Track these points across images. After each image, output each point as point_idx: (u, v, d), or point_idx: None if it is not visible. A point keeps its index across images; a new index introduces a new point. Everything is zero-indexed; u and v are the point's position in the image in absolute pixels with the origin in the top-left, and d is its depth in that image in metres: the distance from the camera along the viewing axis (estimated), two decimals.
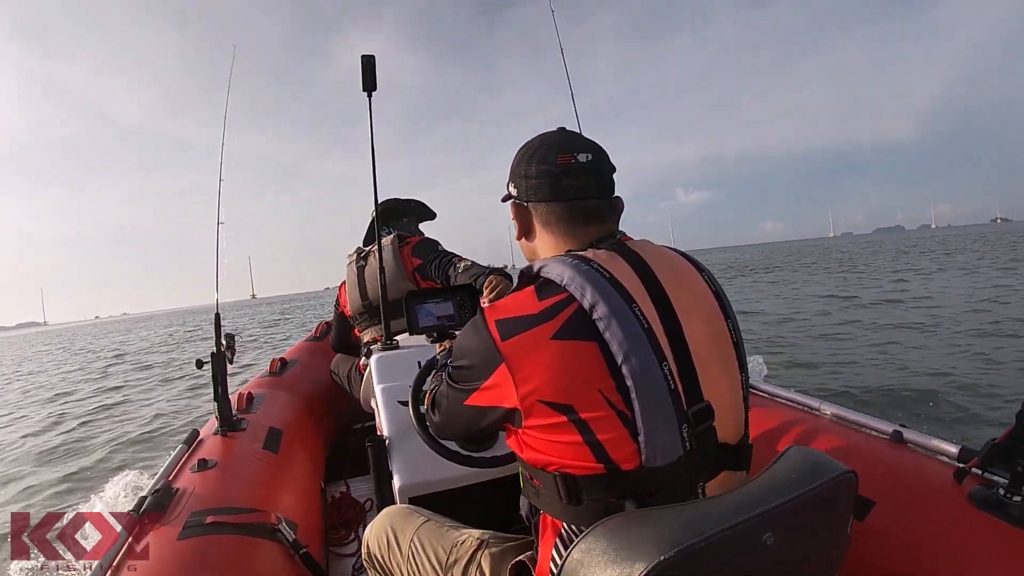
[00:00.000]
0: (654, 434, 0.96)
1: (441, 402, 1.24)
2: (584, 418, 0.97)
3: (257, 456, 2.41)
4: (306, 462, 2.76)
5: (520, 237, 1.28)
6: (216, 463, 2.22)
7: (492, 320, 1.06)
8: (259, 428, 2.69)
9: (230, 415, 2.63)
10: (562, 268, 1.05)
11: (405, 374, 2.26)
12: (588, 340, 0.97)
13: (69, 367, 19.88)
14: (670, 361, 0.99)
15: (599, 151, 1.19)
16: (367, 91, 2.67)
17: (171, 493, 1.97)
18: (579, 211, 1.17)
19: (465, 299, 2.38)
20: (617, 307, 0.99)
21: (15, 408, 11.85)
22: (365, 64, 2.64)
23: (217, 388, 2.54)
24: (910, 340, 8.70)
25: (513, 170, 1.24)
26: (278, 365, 3.81)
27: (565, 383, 0.97)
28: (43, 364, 24.21)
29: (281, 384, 3.54)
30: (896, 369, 6.91)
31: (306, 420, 3.23)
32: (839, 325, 10.52)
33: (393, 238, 3.22)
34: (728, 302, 1.15)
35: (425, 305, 2.33)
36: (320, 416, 3.48)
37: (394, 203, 3.46)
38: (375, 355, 2.49)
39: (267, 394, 3.24)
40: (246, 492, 2.08)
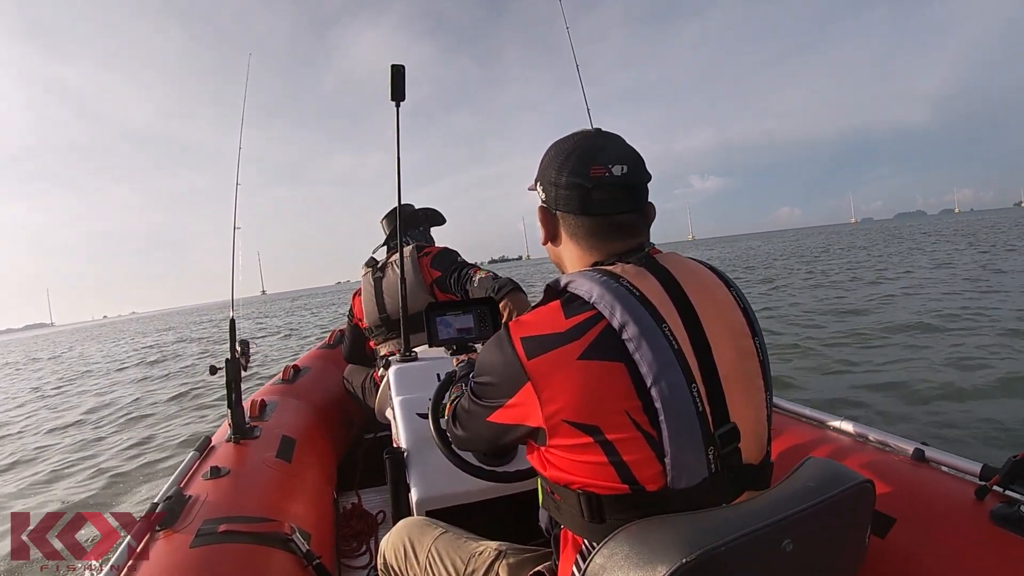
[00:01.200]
0: (680, 456, 0.97)
1: (463, 416, 1.25)
2: (610, 439, 0.98)
3: (270, 464, 2.45)
4: (319, 472, 2.79)
5: (546, 242, 1.29)
6: (229, 471, 2.25)
7: (518, 337, 1.06)
8: (272, 436, 2.72)
9: (243, 422, 2.66)
10: (590, 284, 1.06)
11: (423, 386, 2.30)
12: (616, 360, 0.98)
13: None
14: (699, 383, 1.00)
15: (636, 161, 1.17)
16: (396, 101, 2.71)
17: (183, 500, 1.99)
18: (609, 225, 1.17)
19: (485, 312, 2.40)
20: (647, 327, 0.99)
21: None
22: (395, 74, 2.68)
23: (231, 395, 2.58)
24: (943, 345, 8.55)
25: (542, 171, 1.23)
26: (291, 372, 3.85)
27: (591, 404, 0.98)
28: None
29: (294, 392, 3.57)
30: (920, 380, 6.85)
31: (319, 429, 3.26)
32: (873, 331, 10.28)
33: (412, 249, 3.24)
34: (755, 318, 1.15)
35: (445, 317, 2.34)
36: (333, 425, 3.51)
37: (410, 212, 3.48)
38: (394, 366, 2.52)
39: (280, 402, 3.27)
40: (259, 501, 2.11)
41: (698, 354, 1.02)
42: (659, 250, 1.19)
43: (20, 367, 26.44)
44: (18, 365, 27.95)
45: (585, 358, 0.99)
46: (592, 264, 1.17)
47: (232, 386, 2.58)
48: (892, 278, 17.14)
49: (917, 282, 15.66)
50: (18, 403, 13.61)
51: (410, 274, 3.11)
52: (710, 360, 1.03)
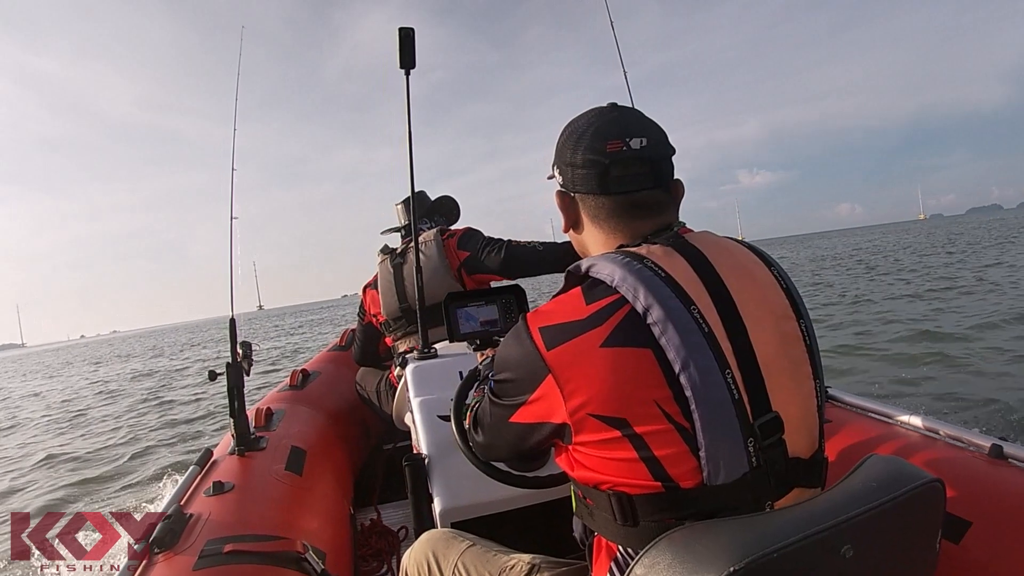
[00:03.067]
0: (716, 449, 0.98)
1: (484, 420, 1.27)
2: (639, 432, 0.99)
3: (279, 478, 2.45)
4: (333, 485, 2.81)
5: (567, 229, 1.30)
6: (233, 486, 2.26)
7: (536, 327, 1.08)
8: (280, 447, 2.73)
9: (248, 432, 2.66)
10: (612, 267, 1.07)
11: (444, 385, 2.30)
12: (642, 347, 0.99)
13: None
14: (733, 368, 1.01)
15: (655, 133, 1.19)
16: (405, 68, 2.74)
17: (184, 519, 1.99)
18: (631, 204, 1.18)
19: (511, 302, 2.40)
20: (674, 309, 1.00)
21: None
22: (403, 38, 2.70)
23: (233, 403, 2.57)
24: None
25: (558, 154, 1.25)
26: (299, 377, 3.85)
27: (618, 395, 0.99)
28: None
29: (303, 398, 3.58)
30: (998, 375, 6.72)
31: (332, 439, 3.27)
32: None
33: (435, 232, 3.23)
34: (800, 299, 1.16)
35: (466, 309, 2.35)
36: (347, 434, 3.53)
37: (427, 200, 3.49)
38: (411, 364, 2.53)
39: (288, 409, 3.27)
40: (268, 517, 2.11)
41: (732, 338, 1.03)
42: (690, 229, 1.20)
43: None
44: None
45: (609, 345, 1.00)
46: (617, 247, 1.18)
47: (234, 393, 2.57)
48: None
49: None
50: None
51: (435, 258, 3.12)
52: (747, 344, 1.04)
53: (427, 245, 3.19)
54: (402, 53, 2.72)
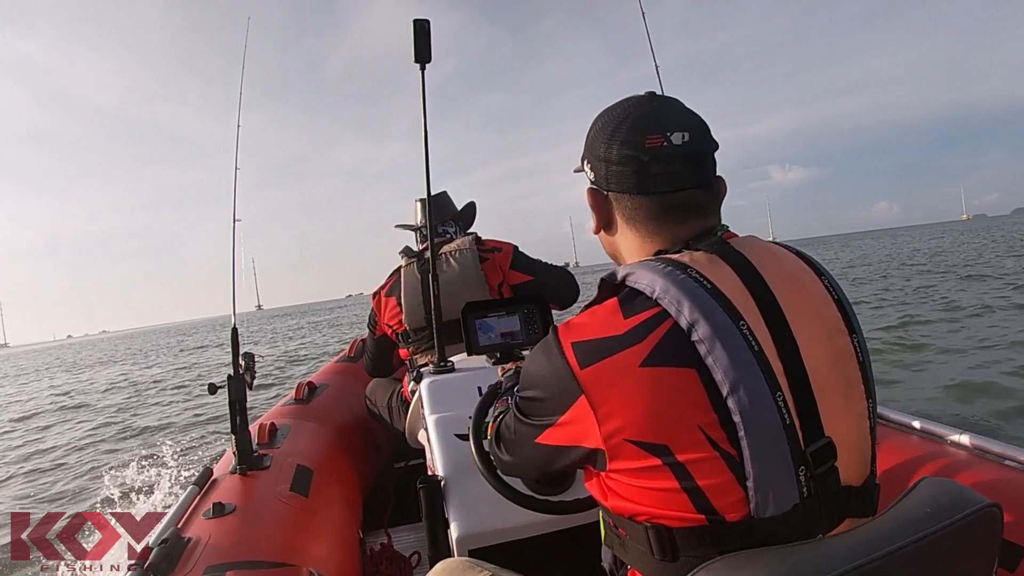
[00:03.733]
0: (765, 479, 0.96)
1: (507, 436, 1.25)
2: (682, 461, 0.96)
3: (283, 499, 2.43)
4: (341, 507, 2.78)
5: (598, 230, 1.27)
6: (235, 508, 2.23)
7: (568, 342, 1.05)
8: (285, 466, 2.70)
9: (250, 450, 2.63)
10: (653, 277, 1.04)
11: (462, 402, 2.25)
12: (686, 366, 0.97)
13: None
14: (785, 390, 0.98)
15: (698, 126, 1.15)
16: (420, 62, 2.71)
17: (182, 544, 1.97)
18: (671, 205, 1.15)
19: (534, 312, 2.36)
20: (722, 325, 0.98)
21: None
22: (418, 30, 2.68)
23: (235, 418, 2.55)
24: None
25: (589, 146, 1.22)
26: (305, 391, 3.82)
27: (658, 420, 0.97)
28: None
29: (309, 413, 3.55)
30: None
31: (340, 457, 3.25)
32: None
33: (471, 240, 3.18)
34: (853, 312, 1.13)
35: (486, 319, 2.31)
36: (356, 452, 3.50)
37: (450, 203, 3.42)
38: (426, 379, 2.49)
39: (293, 425, 3.25)
40: (272, 542, 2.09)
41: (783, 356, 1.00)
42: (734, 233, 1.17)
43: None
44: None
45: (649, 365, 0.97)
46: (655, 253, 1.15)
47: (236, 407, 2.54)
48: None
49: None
50: None
51: (469, 269, 3.07)
52: (798, 363, 1.01)
53: (461, 254, 3.12)
54: (417, 46, 2.69)
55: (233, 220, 2.80)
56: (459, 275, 3.05)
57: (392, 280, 3.27)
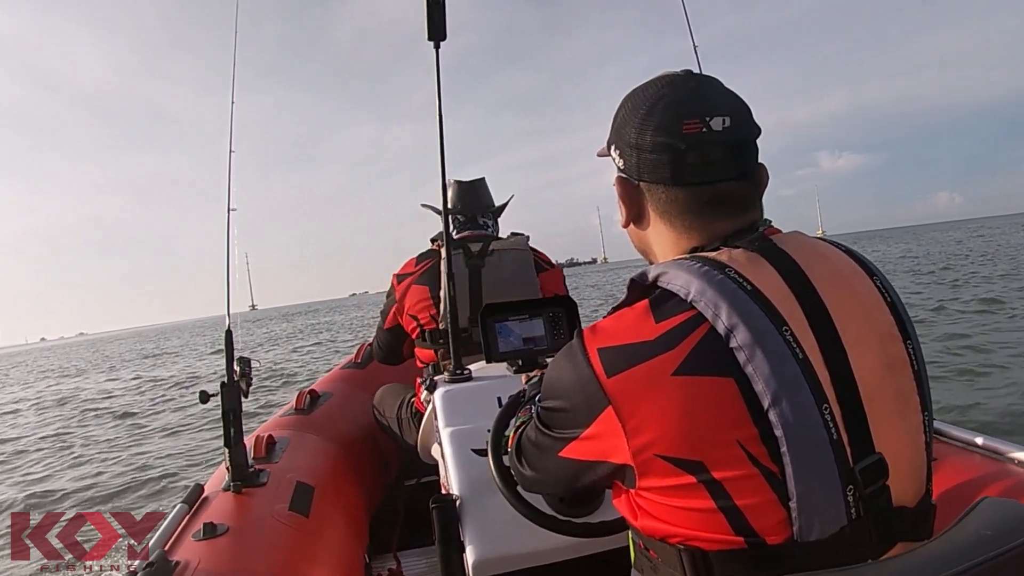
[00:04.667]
0: (810, 498, 0.95)
1: (529, 450, 1.25)
2: (718, 478, 0.96)
3: (282, 520, 2.38)
4: (345, 529, 2.74)
5: (627, 223, 1.25)
6: (228, 528, 2.18)
7: (594, 348, 1.04)
8: (284, 483, 2.64)
9: (245, 465, 2.56)
10: (687, 277, 1.03)
11: (480, 413, 2.21)
12: (723, 375, 0.96)
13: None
14: (832, 402, 0.97)
15: (740, 110, 1.13)
16: (434, 40, 2.66)
17: (169, 568, 1.93)
18: (710, 198, 1.13)
19: (559, 316, 2.35)
20: (763, 331, 0.97)
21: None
22: (431, 4, 2.63)
23: (228, 430, 2.49)
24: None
25: (618, 130, 1.19)
26: (306, 400, 3.75)
27: (693, 433, 0.96)
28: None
29: (311, 425, 3.49)
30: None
31: (344, 473, 3.19)
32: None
33: (525, 240, 3.14)
34: (908, 316, 1.12)
35: (506, 323, 2.31)
36: (362, 468, 3.45)
37: (486, 191, 3.33)
38: (440, 389, 2.44)
39: (293, 438, 3.18)
40: (269, 566, 2.07)
41: (831, 365, 1.00)
42: (777, 229, 1.16)
43: None
44: None
45: (682, 373, 0.97)
46: (690, 251, 1.14)
47: (230, 418, 2.46)
48: None
49: None
50: None
51: (528, 274, 3.03)
52: (847, 372, 1.00)
53: (519, 256, 3.07)
54: (431, 22, 2.63)
55: (227, 209, 2.74)
56: (514, 278, 3.01)
57: (426, 267, 3.12)
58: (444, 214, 2.81)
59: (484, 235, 3.19)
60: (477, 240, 3.12)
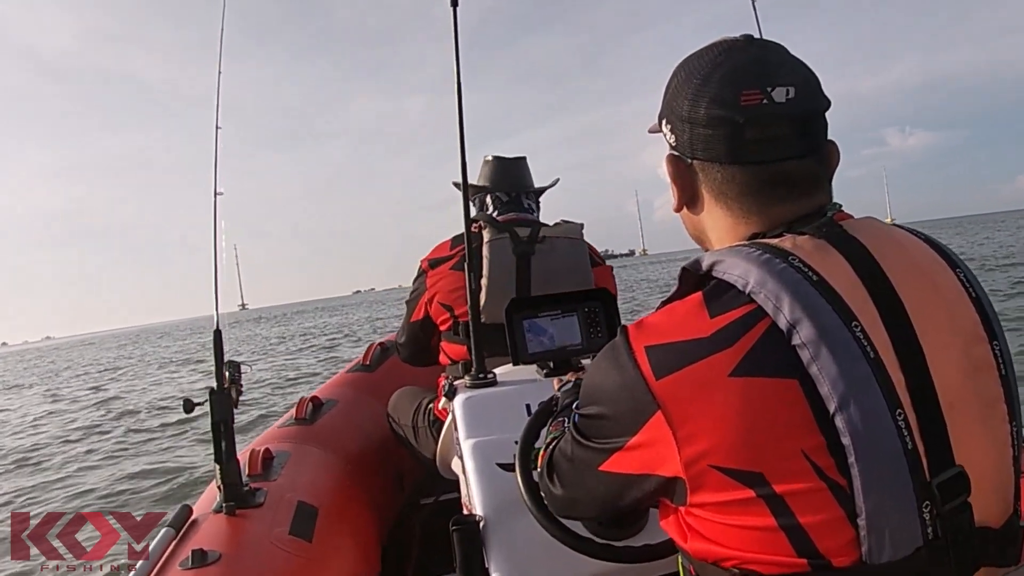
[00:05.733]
0: (881, 516, 0.94)
1: (563, 466, 1.24)
2: (779, 492, 0.95)
3: (281, 545, 2.33)
4: (354, 555, 2.70)
5: (680, 207, 1.25)
6: (220, 556, 2.14)
7: (641, 346, 1.04)
8: (283, 503, 2.58)
9: (239, 483, 2.51)
10: (745, 266, 1.02)
11: (506, 423, 2.18)
12: (786, 377, 0.95)
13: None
14: (907, 408, 0.96)
15: (807, 80, 1.11)
16: (452, 1, 2.64)
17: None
18: (772, 178, 1.12)
19: (597, 311, 2.33)
20: (830, 327, 0.96)
21: None
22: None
23: (219, 443, 2.42)
24: None
25: (669, 102, 1.19)
26: (308, 408, 3.69)
27: (752, 441, 0.95)
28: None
29: (314, 436, 3.44)
30: None
31: (352, 491, 3.14)
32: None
33: (579, 228, 3.05)
34: (995, 314, 1.10)
35: (536, 320, 2.28)
36: (373, 485, 3.40)
37: (528, 172, 3.23)
38: (461, 395, 2.38)
39: (293, 451, 3.13)
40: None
41: (906, 366, 0.99)
42: (848, 214, 1.15)
43: None
44: None
45: (740, 374, 0.96)
46: (750, 237, 1.13)
47: (221, 430, 2.40)
48: None
49: None
50: None
51: (583, 265, 2.96)
52: (924, 375, 0.99)
53: (567, 244, 2.98)
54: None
55: (214, 192, 2.69)
56: (568, 269, 2.92)
57: (461, 252, 2.94)
58: (464, 192, 2.71)
59: (531, 219, 3.10)
60: (524, 224, 3.02)
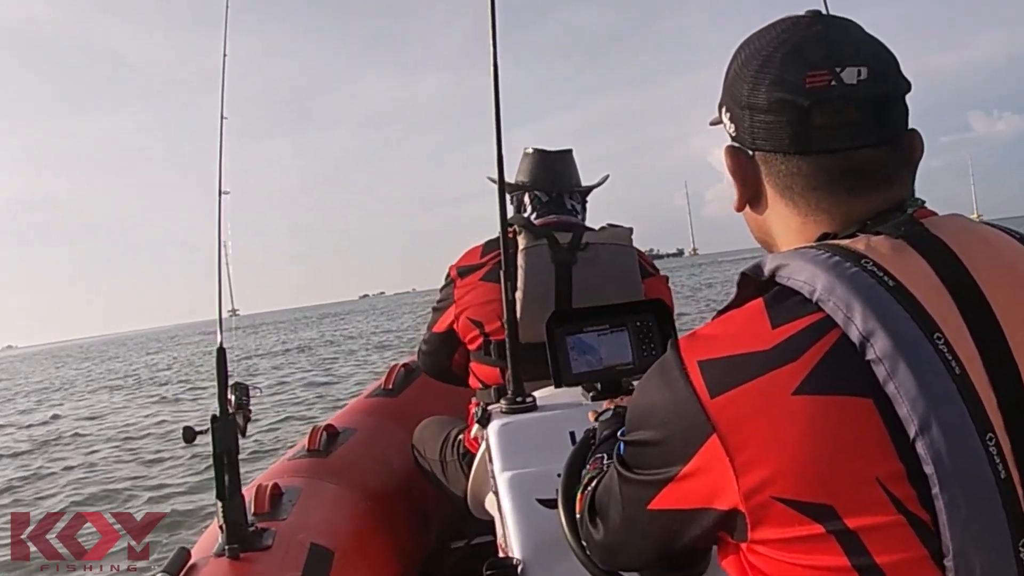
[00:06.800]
0: (970, 555, 0.89)
1: (607, 504, 1.22)
2: (853, 528, 0.92)
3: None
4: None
5: (742, 205, 1.23)
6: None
7: (693, 361, 1.02)
8: (294, 545, 2.51)
9: (244, 523, 2.42)
10: (813, 270, 0.99)
11: (548, 453, 2.14)
12: (858, 395, 0.93)
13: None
14: (998, 431, 0.91)
15: (882, 59, 1.09)
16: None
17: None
18: (844, 170, 1.09)
19: (650, 324, 2.32)
20: (909, 339, 0.92)
21: None
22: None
23: (222, 477, 2.34)
24: None
25: (729, 87, 1.17)
26: (322, 438, 3.59)
27: (820, 469, 0.92)
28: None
29: (329, 470, 3.36)
30: None
31: (372, 532, 3.09)
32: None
33: (628, 233, 2.97)
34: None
35: (581, 336, 2.25)
36: (396, 525, 3.34)
37: (574, 167, 3.14)
38: (496, 421, 2.35)
39: (305, 487, 3.05)
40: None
41: (998, 385, 0.94)
42: (931, 211, 1.12)
43: None
44: None
45: (807, 392, 0.94)
46: (819, 237, 1.10)
47: (224, 462, 2.33)
48: None
49: None
50: None
51: (631, 276, 2.87)
52: (1019, 393, 0.94)
53: (614, 252, 2.89)
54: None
55: (219, 192, 2.60)
56: (614, 280, 2.83)
57: (493, 261, 2.84)
58: (500, 188, 2.61)
59: (573, 223, 2.99)
60: (565, 229, 2.90)
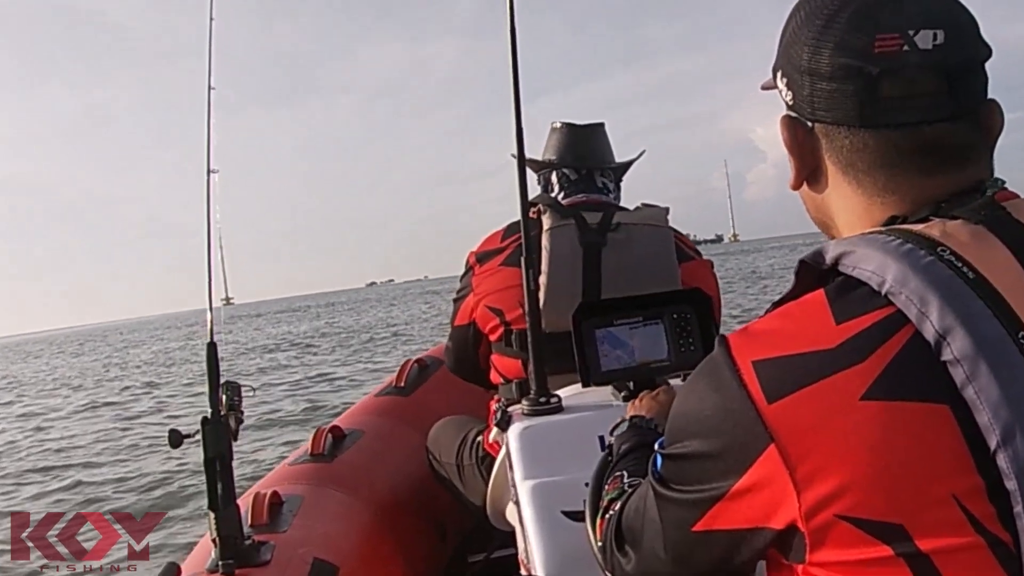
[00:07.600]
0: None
1: (640, 529, 1.17)
2: (925, 551, 0.86)
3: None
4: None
5: (799, 183, 1.19)
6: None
7: (747, 361, 0.97)
8: (294, 561, 2.45)
9: (240, 536, 2.33)
10: (882, 258, 0.95)
11: (575, 460, 2.11)
12: (933, 401, 0.87)
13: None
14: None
15: (959, 22, 1.04)
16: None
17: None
18: (914, 146, 1.04)
19: (688, 316, 2.23)
20: (990, 338, 0.86)
21: None
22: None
23: (214, 484, 2.25)
24: None
25: (786, 50, 1.12)
26: (327, 441, 3.51)
27: (891, 485, 0.87)
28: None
29: (334, 476, 3.28)
30: None
31: (382, 545, 3.04)
32: None
33: (663, 213, 2.85)
34: None
35: (611, 330, 2.16)
36: (407, 538, 3.27)
37: (606, 143, 3.07)
38: (517, 424, 2.29)
39: (308, 495, 2.98)
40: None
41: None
42: (1014, 193, 1.06)
43: None
44: None
45: (876, 397, 0.88)
46: (887, 221, 1.06)
47: (216, 467, 2.24)
48: None
49: None
50: None
51: (665, 259, 2.77)
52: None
53: (648, 234, 2.79)
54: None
55: (207, 171, 2.53)
56: (648, 265, 2.73)
57: (515, 244, 2.78)
58: (520, 162, 2.52)
59: (605, 202, 2.91)
60: (595, 208, 2.82)
